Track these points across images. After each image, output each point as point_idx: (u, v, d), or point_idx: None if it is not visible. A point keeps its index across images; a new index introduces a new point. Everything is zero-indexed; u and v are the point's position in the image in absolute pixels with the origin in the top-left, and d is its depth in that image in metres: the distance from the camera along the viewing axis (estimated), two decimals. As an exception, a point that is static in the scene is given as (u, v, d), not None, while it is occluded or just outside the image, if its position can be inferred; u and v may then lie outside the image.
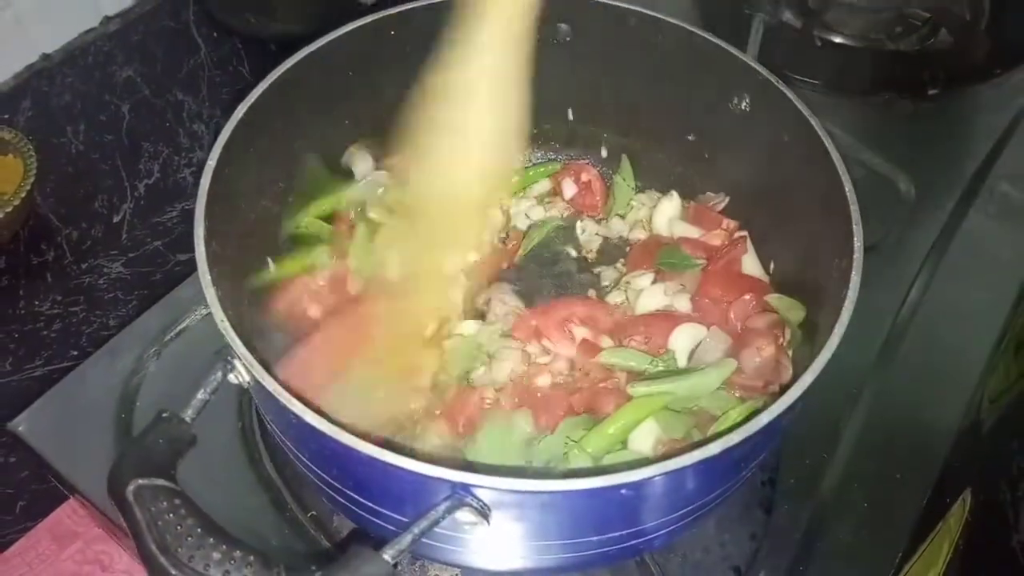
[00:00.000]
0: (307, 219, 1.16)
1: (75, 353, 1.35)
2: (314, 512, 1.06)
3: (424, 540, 0.82)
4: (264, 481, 1.09)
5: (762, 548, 1.06)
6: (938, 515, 1.17)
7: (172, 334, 1.19)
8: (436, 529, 0.79)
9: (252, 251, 1.10)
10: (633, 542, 0.89)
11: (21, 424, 1.14)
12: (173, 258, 1.48)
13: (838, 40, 1.59)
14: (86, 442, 1.10)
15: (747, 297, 1.11)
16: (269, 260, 1.12)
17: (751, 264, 1.18)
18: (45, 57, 1.72)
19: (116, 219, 1.55)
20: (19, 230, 1.48)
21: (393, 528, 0.83)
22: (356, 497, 0.84)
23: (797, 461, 1.14)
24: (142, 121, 1.68)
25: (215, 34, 1.82)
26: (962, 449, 1.19)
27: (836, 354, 0.86)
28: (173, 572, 0.64)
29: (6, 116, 1.59)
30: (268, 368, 0.80)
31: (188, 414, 0.77)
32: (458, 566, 1.02)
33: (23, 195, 1.40)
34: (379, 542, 0.72)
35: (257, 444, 1.12)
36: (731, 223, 1.21)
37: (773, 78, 1.06)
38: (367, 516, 0.86)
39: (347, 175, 1.23)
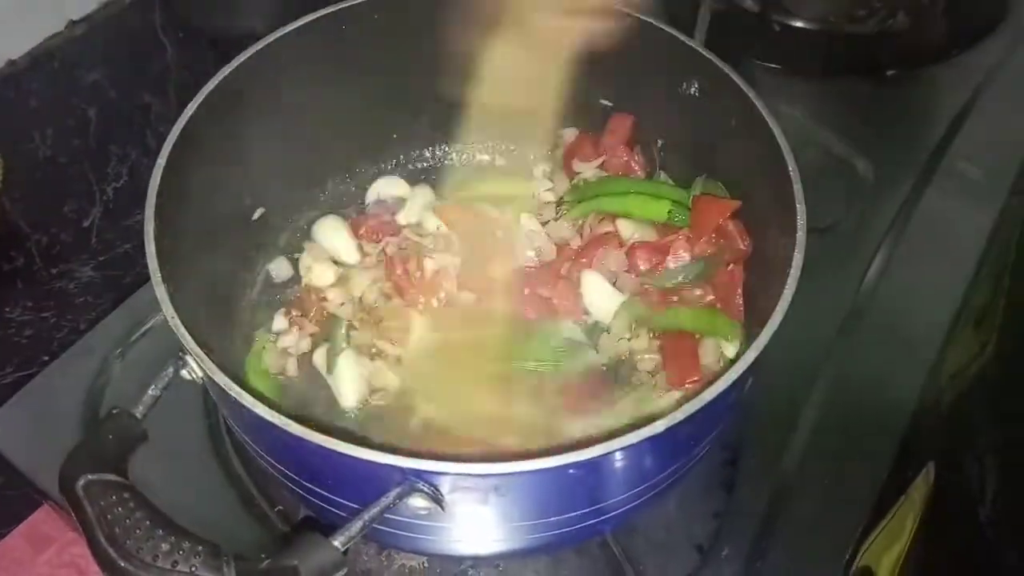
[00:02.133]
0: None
1: (47, 359, 1.35)
2: (281, 507, 1.07)
3: (386, 528, 0.85)
4: (232, 478, 1.10)
5: (724, 526, 1.08)
6: (900, 489, 1.19)
7: (137, 335, 1.20)
8: (395, 517, 0.81)
9: (212, 247, 1.11)
10: (592, 521, 0.90)
11: (-12, 430, 1.14)
12: (143, 261, 1.48)
13: (797, 24, 1.60)
14: (52, 445, 1.09)
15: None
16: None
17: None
18: (11, 63, 1.72)
19: (85, 223, 1.55)
20: (-13, 237, 1.49)
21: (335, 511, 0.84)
22: (313, 487, 0.85)
23: (758, 440, 1.15)
24: (109, 125, 1.67)
25: (181, 35, 1.82)
26: (923, 424, 1.20)
27: (793, 334, 0.87)
28: (122, 564, 0.64)
29: (-28, 123, 1.60)
30: (223, 363, 0.81)
31: (139, 410, 0.78)
32: (424, 553, 1.03)
33: (-10, 203, 1.41)
34: (329, 528, 0.73)
35: (224, 442, 1.13)
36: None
37: (719, 62, 1.07)
38: (326, 506, 0.87)
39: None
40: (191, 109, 1.01)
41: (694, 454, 0.92)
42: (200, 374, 0.83)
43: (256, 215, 1.21)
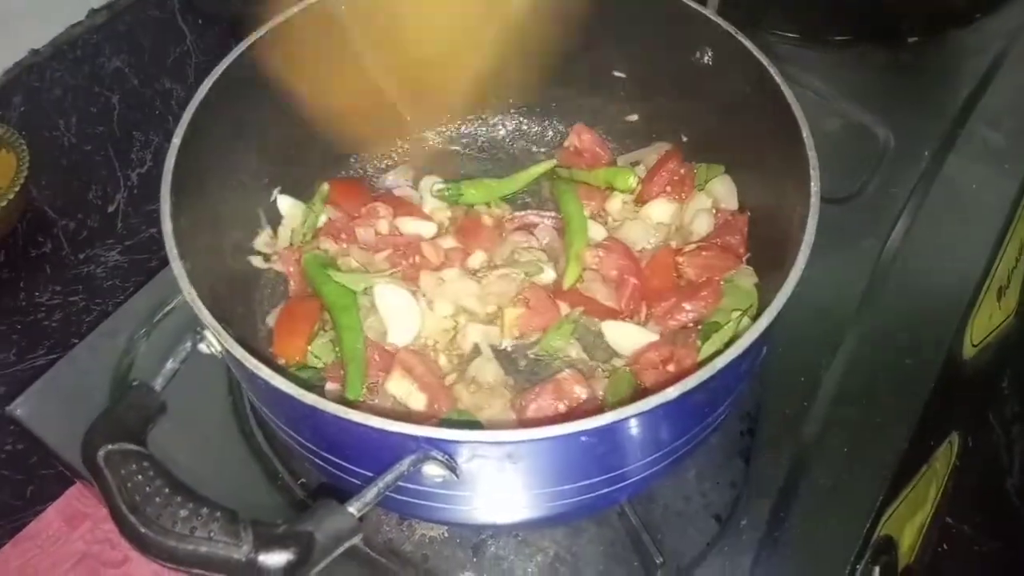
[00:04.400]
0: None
1: (76, 341, 1.36)
2: (304, 480, 1.08)
3: (403, 498, 0.86)
4: (256, 453, 1.11)
5: (743, 496, 1.08)
6: (921, 458, 1.18)
7: (160, 315, 1.21)
8: (412, 485, 0.82)
9: (231, 223, 1.13)
10: (608, 489, 0.90)
11: (19, 408, 1.16)
12: (169, 244, 1.51)
13: (814, -9, 1.59)
14: (81, 424, 1.12)
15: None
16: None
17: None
18: (34, 53, 1.75)
19: (111, 209, 1.57)
20: (16, 224, 1.51)
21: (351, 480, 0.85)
22: (330, 457, 0.86)
23: (776, 410, 1.14)
24: (132, 111, 1.70)
25: (200, 21, 1.84)
26: (945, 393, 1.19)
27: (814, 302, 0.87)
28: (142, 530, 0.66)
29: None
30: (242, 337, 0.82)
31: (158, 382, 0.79)
32: (443, 522, 1.04)
33: (17, 189, 1.43)
34: (347, 496, 0.74)
35: (248, 418, 1.14)
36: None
37: (733, 30, 1.06)
38: (344, 475, 0.88)
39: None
40: (204, 89, 1.02)
41: (709, 422, 0.92)
42: (218, 347, 0.84)
43: (273, 196, 1.21)
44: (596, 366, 1.11)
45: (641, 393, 1.05)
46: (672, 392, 0.77)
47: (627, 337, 1.11)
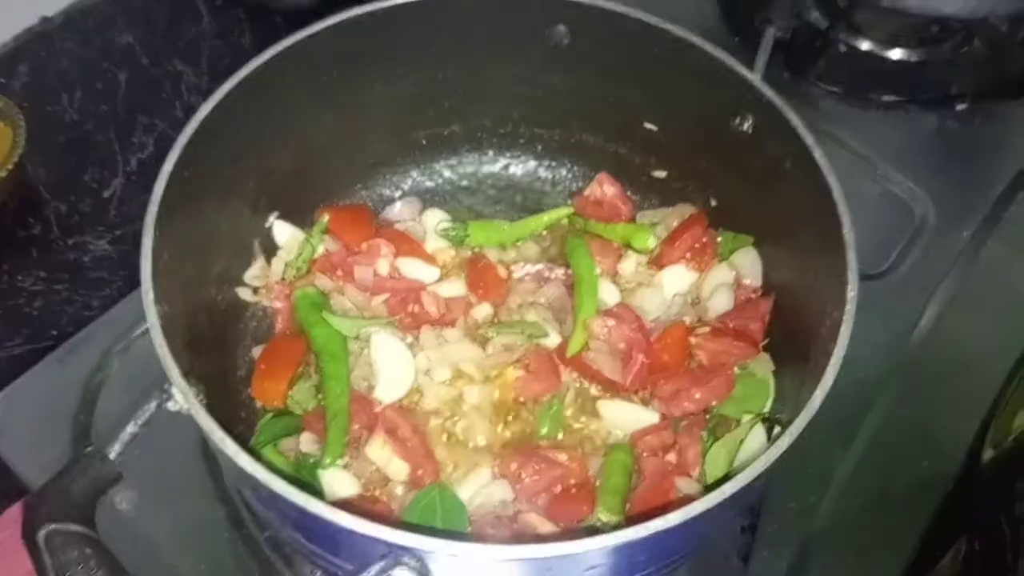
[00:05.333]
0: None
1: (55, 333, 1.32)
2: (269, 532, 1.02)
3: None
4: (222, 495, 1.05)
5: (739, 600, 1.02)
6: (927, 568, 1.12)
7: (139, 331, 1.15)
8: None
9: (221, 251, 1.07)
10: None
11: (-21, 416, 1.10)
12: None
13: (864, 46, 1.51)
14: (42, 443, 1.07)
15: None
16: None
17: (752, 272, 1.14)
18: (45, 20, 1.68)
19: (106, 194, 1.50)
20: (6, 201, 1.45)
21: (336, 573, 0.79)
22: (307, 544, 0.80)
23: (781, 505, 1.08)
24: (139, 92, 1.63)
25: (219, 2, 1.77)
26: (959, 498, 1.13)
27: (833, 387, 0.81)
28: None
29: (1, 80, 1.55)
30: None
31: (114, 450, 0.73)
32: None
33: (10, 166, 1.37)
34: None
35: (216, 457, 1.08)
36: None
37: (779, 101, 0.99)
38: (311, 557, 0.82)
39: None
40: (204, 110, 0.95)
41: (710, 537, 0.85)
42: (187, 407, 0.78)
43: (270, 221, 1.15)
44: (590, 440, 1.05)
45: (636, 481, 1.00)
46: (673, 519, 0.71)
47: (627, 415, 1.05)
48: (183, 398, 0.76)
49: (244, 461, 0.72)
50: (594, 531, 0.90)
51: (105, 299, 1.34)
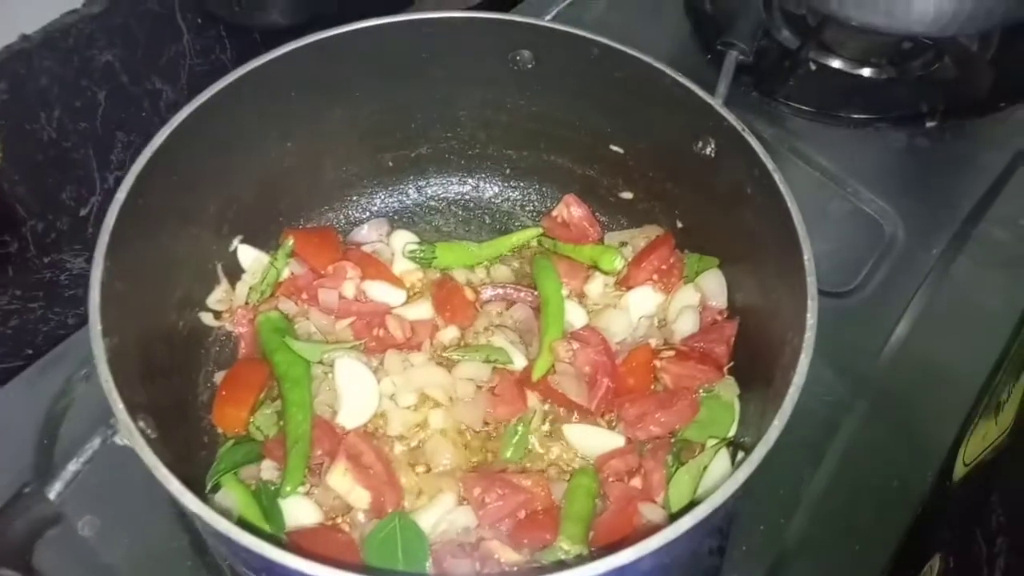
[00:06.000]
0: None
1: (30, 352, 1.31)
2: (231, 561, 1.02)
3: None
4: (185, 522, 1.04)
5: (707, 624, 1.01)
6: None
7: (105, 356, 1.14)
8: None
9: (180, 276, 1.06)
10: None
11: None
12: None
13: (835, 64, 1.51)
14: (3, 469, 1.06)
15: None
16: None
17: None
18: (24, 38, 1.68)
19: (83, 212, 1.51)
20: (-19, 220, 1.45)
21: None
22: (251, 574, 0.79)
23: (751, 527, 1.07)
24: (118, 109, 1.63)
25: (200, 20, 1.77)
26: (930, 517, 1.12)
27: (800, 405, 0.82)
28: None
29: (-20, 97, 1.56)
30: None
31: (54, 490, 0.72)
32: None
33: (-14, 184, 1.37)
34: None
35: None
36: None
37: (739, 126, 0.99)
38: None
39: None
40: (163, 135, 0.96)
41: (667, 568, 0.85)
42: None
43: (233, 245, 1.14)
44: (555, 465, 1.05)
45: (601, 507, 1.00)
46: (631, 554, 0.71)
47: (592, 439, 1.05)
48: (128, 434, 0.76)
49: (188, 500, 0.71)
50: (558, 563, 0.90)
51: (81, 317, 1.34)
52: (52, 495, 0.73)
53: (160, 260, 0.99)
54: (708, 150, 1.05)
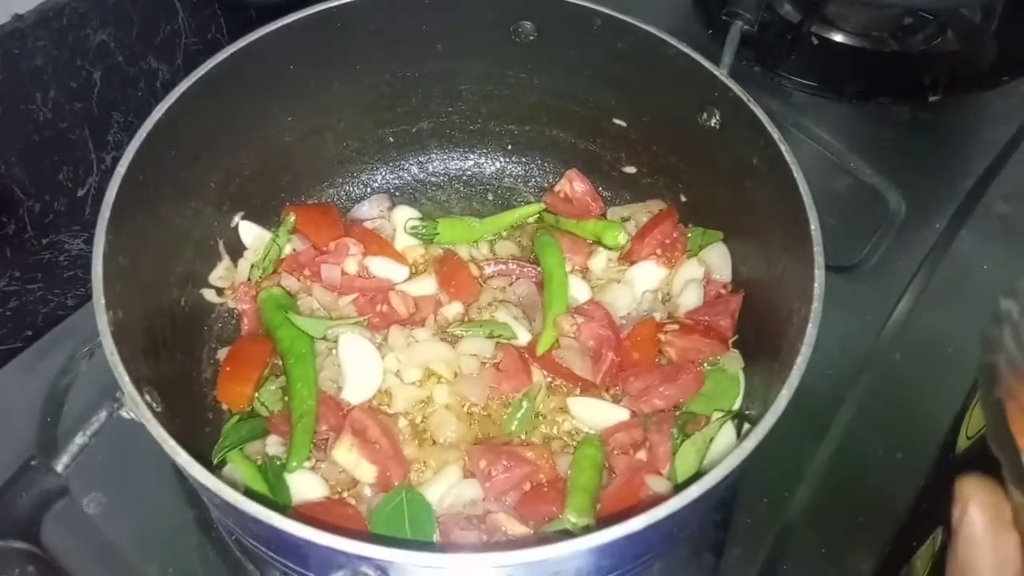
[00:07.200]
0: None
1: (30, 333, 1.31)
2: (237, 535, 1.01)
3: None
4: (191, 497, 1.04)
5: (711, 595, 1.01)
6: (902, 559, 1.11)
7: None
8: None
9: (182, 252, 1.06)
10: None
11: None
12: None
13: (837, 38, 1.50)
14: (6, 447, 1.05)
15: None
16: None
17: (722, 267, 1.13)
18: (17, 18, 1.66)
19: (81, 192, 1.50)
20: (-21, 201, 1.44)
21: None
22: (269, 553, 0.79)
23: (754, 500, 1.07)
24: (114, 89, 1.61)
25: (195, -1, 1.75)
26: (934, 490, 1.12)
27: (804, 380, 0.81)
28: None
29: (-27, 79, 1.54)
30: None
31: (61, 462, 0.72)
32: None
33: (-18, 166, 1.36)
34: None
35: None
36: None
37: (744, 96, 0.98)
38: (276, 563, 0.82)
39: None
40: (162, 108, 0.95)
41: (681, 534, 0.85)
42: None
43: (235, 222, 1.14)
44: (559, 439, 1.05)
45: (607, 479, 0.99)
46: (641, 521, 0.70)
47: (597, 412, 1.05)
48: (134, 407, 0.75)
49: (196, 471, 0.71)
50: (564, 533, 0.90)
51: (80, 298, 1.34)
52: (59, 468, 0.72)
53: (162, 236, 0.98)
54: (713, 122, 1.04)
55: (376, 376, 1.04)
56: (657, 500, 0.73)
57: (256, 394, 1.03)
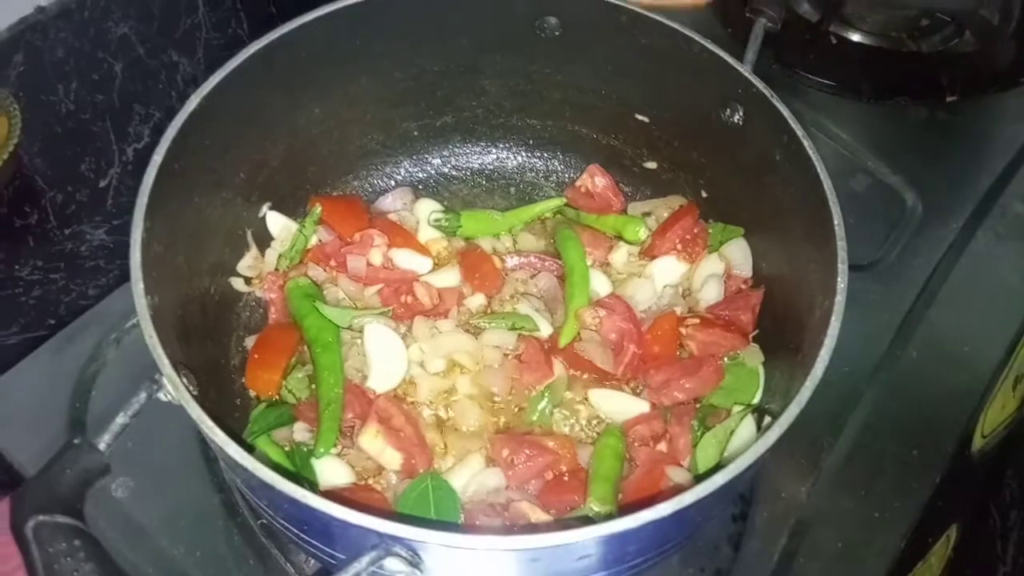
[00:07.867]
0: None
1: (52, 322, 1.32)
2: (264, 520, 1.03)
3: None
4: (217, 482, 1.06)
5: (728, 586, 1.03)
6: (918, 555, 1.13)
7: (133, 321, 1.15)
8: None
9: (213, 242, 1.07)
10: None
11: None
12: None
13: (855, 38, 1.51)
14: (38, 432, 1.07)
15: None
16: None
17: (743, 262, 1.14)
18: (40, 10, 1.67)
19: (103, 184, 1.51)
20: (2, 191, 1.45)
21: (329, 561, 0.80)
22: (299, 533, 0.81)
23: (772, 493, 1.09)
24: (135, 82, 1.63)
25: (216, -8, 1.77)
26: (949, 487, 1.14)
27: (822, 379, 0.82)
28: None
29: (-2, 70, 1.56)
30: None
31: (103, 441, 0.73)
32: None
33: (6, 156, 1.37)
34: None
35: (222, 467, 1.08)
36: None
37: (768, 92, 0.99)
38: (304, 545, 0.83)
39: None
40: (195, 100, 0.95)
41: (700, 524, 0.86)
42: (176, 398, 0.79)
43: (262, 212, 1.15)
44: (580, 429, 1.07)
45: (628, 470, 1.00)
46: (667, 507, 0.71)
47: (617, 404, 1.06)
48: (173, 389, 0.77)
49: (233, 451, 0.72)
50: (586, 521, 0.91)
51: (102, 288, 1.35)
52: (102, 446, 0.74)
53: (194, 225, 1.00)
54: (736, 118, 1.05)
55: (401, 365, 1.05)
56: (678, 491, 0.74)
57: (283, 382, 1.05)
